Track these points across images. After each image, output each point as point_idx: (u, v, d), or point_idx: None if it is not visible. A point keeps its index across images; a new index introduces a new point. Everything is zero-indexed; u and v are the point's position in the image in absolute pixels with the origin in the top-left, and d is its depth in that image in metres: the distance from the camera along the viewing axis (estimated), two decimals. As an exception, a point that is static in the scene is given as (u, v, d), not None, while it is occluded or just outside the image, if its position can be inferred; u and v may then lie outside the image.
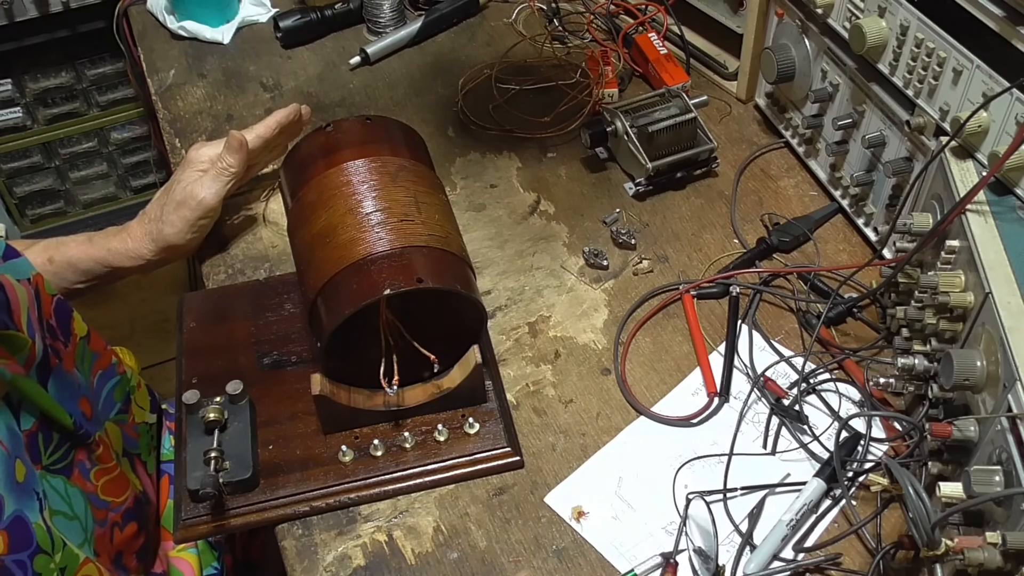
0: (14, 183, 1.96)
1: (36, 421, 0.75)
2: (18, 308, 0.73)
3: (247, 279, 1.00)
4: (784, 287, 0.97)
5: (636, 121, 1.06)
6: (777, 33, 1.08)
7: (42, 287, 0.79)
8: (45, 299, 0.79)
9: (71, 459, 0.79)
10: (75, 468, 0.79)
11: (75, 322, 0.84)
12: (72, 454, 0.79)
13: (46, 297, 0.79)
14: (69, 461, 0.78)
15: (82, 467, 0.80)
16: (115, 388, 0.89)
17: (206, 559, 0.97)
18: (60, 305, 0.82)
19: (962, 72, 0.79)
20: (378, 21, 1.30)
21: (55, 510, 0.74)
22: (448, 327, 0.82)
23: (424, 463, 0.82)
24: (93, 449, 0.82)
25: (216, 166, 0.96)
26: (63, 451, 0.78)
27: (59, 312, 0.81)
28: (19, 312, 0.73)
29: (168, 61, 1.29)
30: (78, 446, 0.80)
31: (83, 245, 0.95)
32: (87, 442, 0.81)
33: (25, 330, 0.73)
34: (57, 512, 0.74)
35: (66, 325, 0.82)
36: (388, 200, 0.82)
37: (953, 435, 0.67)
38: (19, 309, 0.73)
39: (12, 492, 0.68)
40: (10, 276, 0.74)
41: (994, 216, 0.74)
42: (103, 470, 0.83)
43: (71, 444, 0.79)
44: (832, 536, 0.78)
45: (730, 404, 0.88)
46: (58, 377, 0.78)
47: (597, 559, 0.78)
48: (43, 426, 0.75)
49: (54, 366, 0.78)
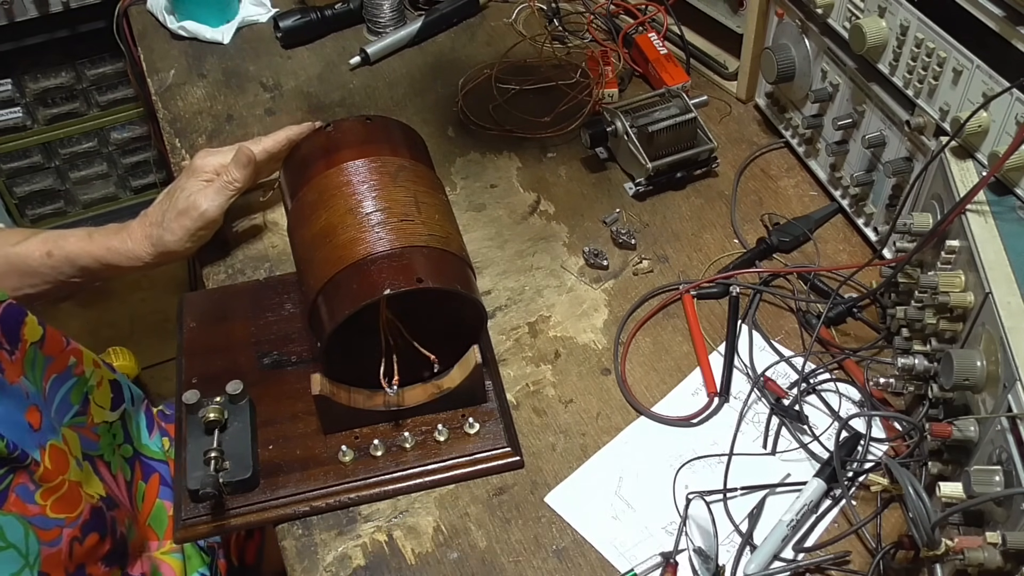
0: (14, 183, 1.96)
1: None
2: None
3: (247, 279, 1.00)
4: (784, 287, 0.97)
5: (636, 121, 1.06)
6: (777, 33, 1.08)
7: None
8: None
9: (6, 485, 0.76)
10: (11, 494, 0.76)
11: (26, 327, 0.81)
12: (9, 479, 0.76)
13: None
14: (2, 488, 0.75)
15: (22, 491, 0.77)
16: (71, 391, 0.87)
17: (194, 564, 0.96)
18: (9, 310, 0.79)
19: (962, 72, 0.79)
20: (378, 21, 1.30)
21: None
22: (448, 327, 0.82)
23: (424, 463, 0.82)
24: (33, 470, 0.78)
25: (221, 179, 0.95)
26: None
27: (7, 318, 0.78)
28: None
29: (168, 61, 1.29)
30: (16, 470, 0.77)
31: (83, 241, 0.94)
32: (24, 464, 0.77)
33: None
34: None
35: (15, 332, 0.79)
36: (388, 200, 0.82)
37: (953, 435, 0.67)
38: None
39: None
40: None
41: (994, 216, 0.74)
42: (49, 489, 0.80)
43: (6, 470, 0.76)
44: (832, 536, 0.78)
45: (730, 404, 0.88)
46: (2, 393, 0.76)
47: (597, 559, 0.78)
48: None
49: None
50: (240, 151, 0.95)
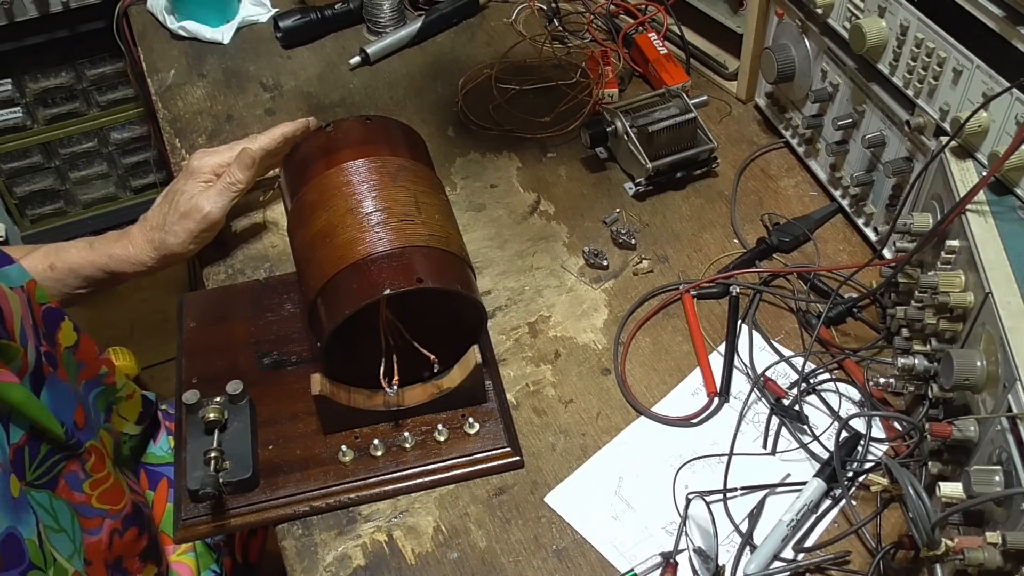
0: (14, 183, 1.96)
1: (25, 434, 0.73)
2: (11, 317, 0.72)
3: (247, 279, 1.00)
4: (784, 287, 0.97)
5: (636, 121, 1.06)
6: (777, 33, 1.08)
7: (33, 295, 0.78)
8: (35, 307, 0.78)
9: (58, 472, 0.77)
10: (61, 480, 0.78)
11: (62, 331, 0.83)
12: (61, 466, 0.78)
13: (36, 305, 0.79)
14: (55, 474, 0.77)
15: (72, 478, 0.79)
16: (98, 398, 0.89)
17: (205, 562, 0.97)
18: (49, 313, 0.81)
19: (962, 72, 0.79)
20: (378, 21, 1.30)
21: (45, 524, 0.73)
22: (448, 327, 0.82)
23: (424, 463, 0.82)
24: (85, 459, 0.80)
25: (224, 180, 0.95)
26: (49, 464, 0.76)
27: (47, 321, 0.80)
28: (12, 321, 0.72)
29: (168, 61, 1.29)
30: (69, 457, 0.79)
31: (84, 251, 0.94)
32: (79, 452, 0.80)
33: (18, 339, 0.72)
34: (47, 527, 0.73)
35: (52, 335, 0.81)
36: (388, 200, 0.82)
37: (953, 435, 0.67)
38: (12, 318, 0.72)
39: (7, 508, 0.67)
40: (3, 284, 0.73)
41: (994, 216, 0.74)
42: (97, 480, 0.82)
43: (61, 456, 0.78)
44: (832, 536, 0.78)
45: (730, 404, 0.88)
46: (53, 385, 0.77)
47: (597, 559, 0.78)
48: (32, 439, 0.74)
49: (48, 374, 0.77)
50: (243, 153, 0.95)
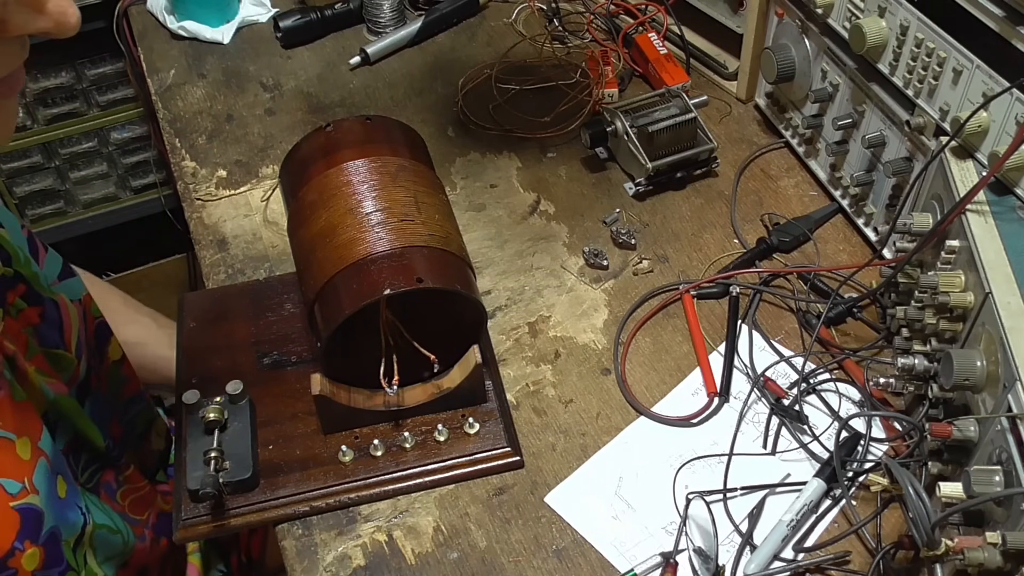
0: (14, 183, 1.96)
1: (67, 442, 0.74)
2: (70, 328, 0.73)
3: (247, 279, 1.00)
4: (784, 287, 0.97)
5: (636, 121, 1.06)
6: (777, 33, 1.08)
7: (89, 308, 0.79)
8: (90, 320, 0.79)
9: (97, 480, 0.78)
10: (101, 489, 0.79)
11: (111, 345, 0.84)
12: (99, 475, 0.78)
13: (90, 318, 0.79)
14: (95, 483, 0.78)
15: (108, 488, 0.80)
16: (139, 414, 0.90)
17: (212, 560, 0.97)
18: (100, 327, 0.82)
19: (962, 72, 0.79)
20: (378, 21, 1.30)
21: (99, 524, 0.74)
22: (448, 327, 0.82)
23: (424, 463, 0.82)
24: (122, 470, 0.81)
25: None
26: (90, 472, 0.77)
27: (98, 334, 0.82)
28: (70, 332, 0.73)
29: (168, 61, 1.29)
30: (107, 467, 0.79)
31: None
32: (117, 463, 0.80)
33: (73, 350, 0.73)
34: (101, 526, 0.74)
35: (102, 348, 0.82)
36: (388, 200, 0.82)
37: (953, 435, 0.67)
38: (71, 329, 0.73)
39: (53, 508, 0.67)
40: (65, 296, 0.74)
41: (994, 216, 0.74)
42: (132, 489, 0.83)
43: (99, 465, 0.78)
44: (832, 536, 0.78)
45: (730, 404, 0.88)
46: (96, 398, 0.78)
47: (597, 559, 0.78)
48: (73, 446, 0.75)
49: (94, 386, 0.78)
50: None
